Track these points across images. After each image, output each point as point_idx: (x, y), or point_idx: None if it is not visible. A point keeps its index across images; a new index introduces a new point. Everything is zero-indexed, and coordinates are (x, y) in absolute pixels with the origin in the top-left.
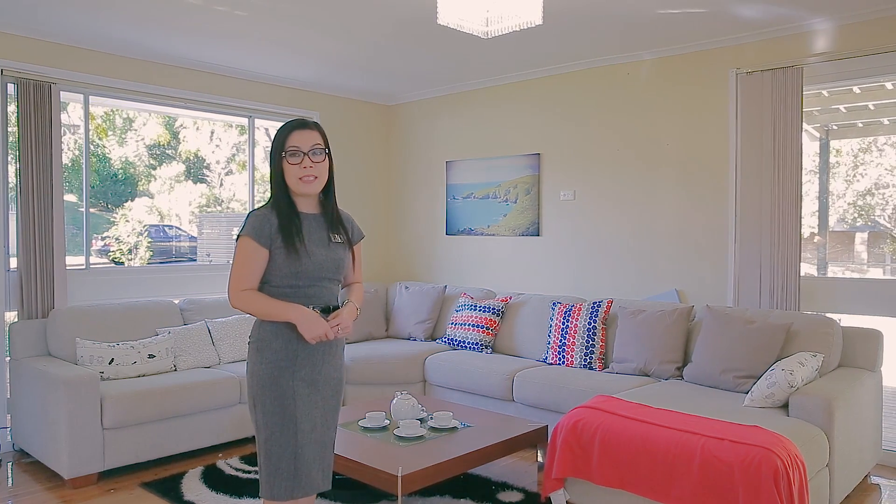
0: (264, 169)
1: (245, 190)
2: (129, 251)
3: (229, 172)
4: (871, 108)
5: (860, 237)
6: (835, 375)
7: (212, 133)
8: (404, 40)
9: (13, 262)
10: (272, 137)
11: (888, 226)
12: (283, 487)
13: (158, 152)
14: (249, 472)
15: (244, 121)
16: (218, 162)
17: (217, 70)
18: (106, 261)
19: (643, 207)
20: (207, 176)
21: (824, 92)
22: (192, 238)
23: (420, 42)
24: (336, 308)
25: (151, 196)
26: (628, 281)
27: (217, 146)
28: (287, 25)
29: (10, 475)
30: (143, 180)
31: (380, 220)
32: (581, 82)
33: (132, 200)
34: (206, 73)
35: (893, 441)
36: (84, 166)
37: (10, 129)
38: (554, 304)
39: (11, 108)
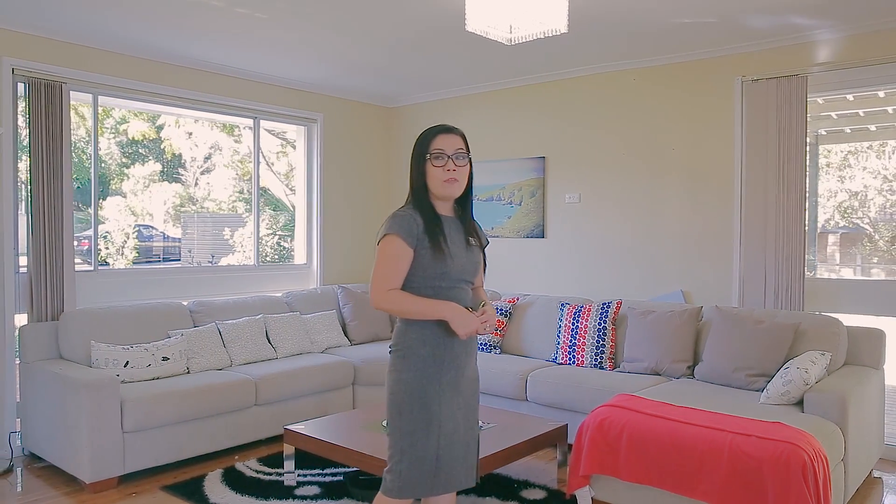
0: (250, 168)
1: (221, 189)
2: (118, 251)
3: (205, 171)
4: (861, 114)
5: (844, 238)
6: (843, 373)
7: (190, 133)
8: (423, 44)
9: (22, 262)
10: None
11: (869, 229)
12: (424, 486)
13: (132, 150)
14: (271, 474)
15: (238, 120)
16: (194, 159)
17: (225, 71)
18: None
19: (649, 210)
20: (182, 175)
21: (819, 100)
22: (170, 238)
23: (436, 46)
24: (472, 310)
25: (124, 195)
26: (633, 282)
27: (195, 145)
28: (306, 28)
29: (20, 481)
30: (116, 179)
31: (380, 221)
32: (587, 87)
33: (104, 200)
34: (214, 74)
35: (894, 436)
36: (93, 165)
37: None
38: (562, 304)
39: (21, 106)
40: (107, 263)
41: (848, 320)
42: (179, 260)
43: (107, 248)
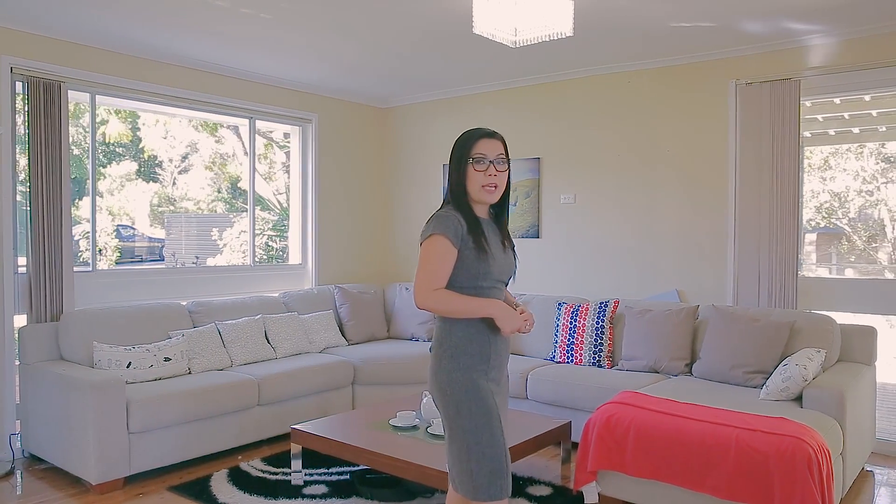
0: (233, 169)
1: (200, 189)
2: (100, 251)
3: (183, 171)
4: (846, 117)
5: (821, 238)
6: (837, 369)
7: (166, 132)
8: (421, 46)
9: (21, 262)
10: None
11: (848, 229)
12: (499, 486)
13: (108, 150)
14: (277, 474)
15: (234, 120)
16: (171, 160)
17: (222, 71)
18: None
19: (644, 211)
20: (160, 175)
21: (807, 103)
22: (153, 239)
23: (433, 48)
24: None
25: (101, 195)
26: (628, 282)
27: (171, 146)
28: (309, 29)
29: (20, 483)
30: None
31: (375, 221)
32: (583, 88)
33: (80, 199)
34: (211, 73)
35: (884, 430)
36: (91, 167)
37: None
38: (560, 304)
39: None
40: (89, 264)
41: (838, 318)
42: (162, 261)
43: (87, 249)
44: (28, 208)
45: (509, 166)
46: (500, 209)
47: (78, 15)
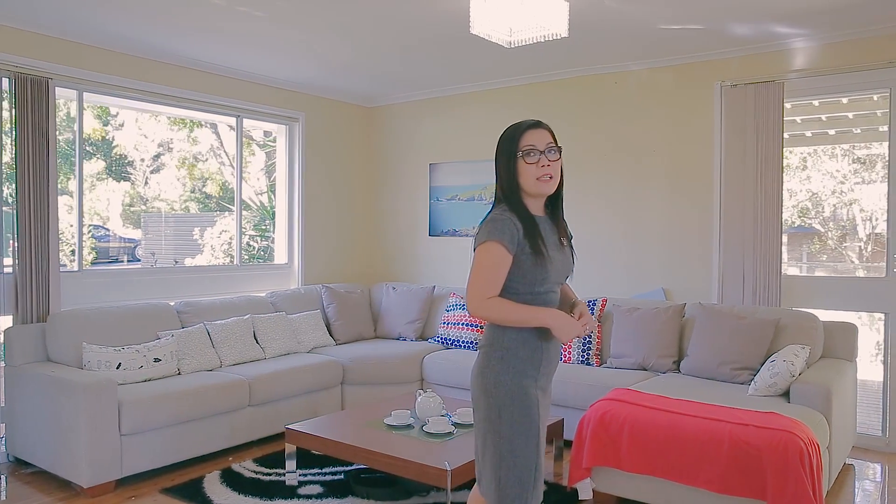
0: (205, 167)
1: (173, 189)
2: (73, 252)
3: (155, 171)
4: (824, 119)
5: (793, 237)
6: (821, 365)
7: (139, 128)
8: (412, 46)
9: (6, 262)
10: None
11: (821, 228)
12: (525, 499)
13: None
14: (270, 474)
15: (221, 118)
16: (143, 160)
17: (210, 69)
18: None
19: (630, 210)
20: (131, 174)
21: (787, 104)
22: (125, 239)
23: (424, 48)
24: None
25: (71, 194)
26: (614, 281)
27: (143, 143)
28: (305, 28)
29: (4, 488)
30: (63, 178)
31: (361, 220)
32: (571, 89)
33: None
34: (199, 71)
35: (863, 424)
36: (77, 165)
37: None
38: None
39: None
40: (63, 265)
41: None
42: (137, 261)
43: (61, 249)
44: (14, 209)
45: (560, 155)
46: (554, 203)
47: (67, 11)
